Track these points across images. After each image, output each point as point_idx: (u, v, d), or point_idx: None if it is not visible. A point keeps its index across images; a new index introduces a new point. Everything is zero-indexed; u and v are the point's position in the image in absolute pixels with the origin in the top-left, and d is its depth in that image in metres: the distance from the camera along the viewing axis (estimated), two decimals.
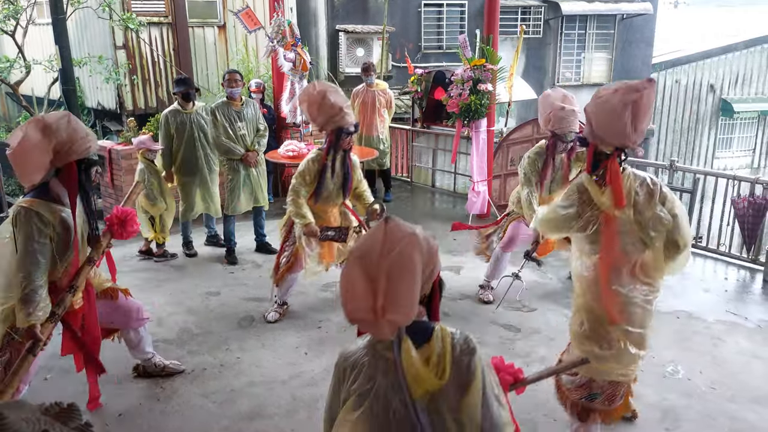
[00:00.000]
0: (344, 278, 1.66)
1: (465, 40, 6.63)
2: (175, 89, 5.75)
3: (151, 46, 9.81)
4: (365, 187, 4.64)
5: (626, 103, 2.65)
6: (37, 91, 9.85)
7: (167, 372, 3.84)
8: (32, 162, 2.83)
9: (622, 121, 2.67)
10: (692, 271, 5.81)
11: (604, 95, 2.73)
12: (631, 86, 2.67)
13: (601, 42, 14.82)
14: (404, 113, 10.09)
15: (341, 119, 4.21)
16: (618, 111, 2.66)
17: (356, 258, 1.63)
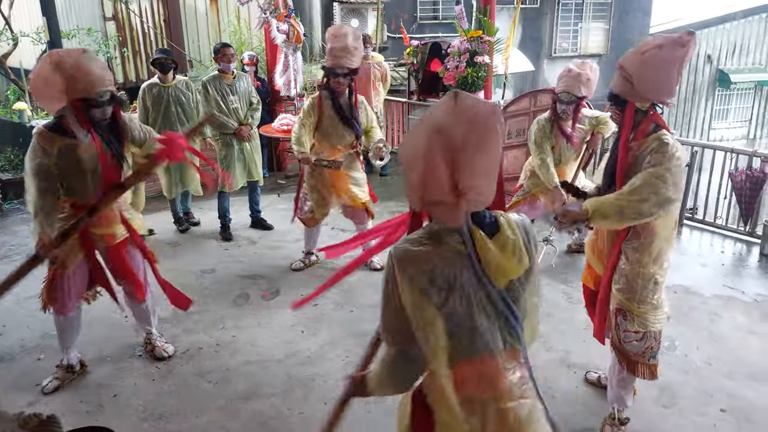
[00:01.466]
0: (416, 155, 1.53)
1: (462, 11, 6.50)
2: (153, 60, 5.68)
3: (141, 18, 9.60)
4: (374, 125, 4.88)
5: (675, 58, 2.61)
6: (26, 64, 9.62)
7: (154, 354, 3.80)
8: (44, 93, 3.03)
9: (671, 76, 2.63)
10: (689, 244, 5.79)
11: (648, 50, 2.65)
12: (677, 40, 2.61)
13: (598, 12, 14.61)
14: (400, 85, 9.95)
15: (331, 59, 4.45)
16: (668, 65, 2.62)
17: (432, 131, 1.49)
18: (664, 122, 2.76)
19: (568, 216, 2.73)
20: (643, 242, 2.82)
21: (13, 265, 5.21)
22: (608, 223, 2.72)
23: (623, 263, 2.89)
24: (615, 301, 2.95)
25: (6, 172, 7.31)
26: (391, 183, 7.71)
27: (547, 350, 3.87)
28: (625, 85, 2.73)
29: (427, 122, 1.52)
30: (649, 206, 2.60)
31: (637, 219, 2.65)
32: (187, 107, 5.68)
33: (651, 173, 2.62)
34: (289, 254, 5.38)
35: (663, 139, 2.68)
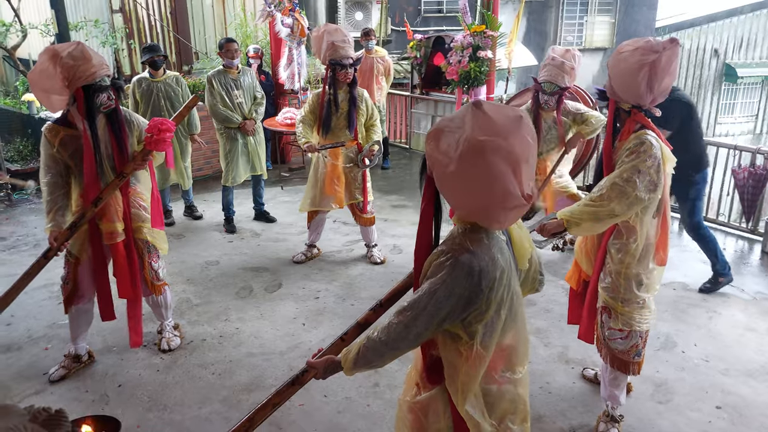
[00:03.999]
0: (484, 173, 1.57)
1: (465, 5, 6.50)
2: (142, 57, 5.68)
3: (147, 10, 9.63)
4: (375, 121, 4.92)
5: (643, 64, 2.63)
6: (34, 56, 9.69)
7: (161, 346, 3.87)
8: (46, 89, 3.10)
9: (636, 81, 2.66)
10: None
11: (624, 52, 2.70)
12: (652, 46, 2.64)
13: (603, 5, 14.55)
14: (403, 79, 9.96)
15: (334, 52, 4.52)
16: (634, 70, 2.65)
17: (490, 149, 1.55)
18: (650, 123, 2.78)
19: (545, 231, 2.80)
20: (625, 242, 2.84)
21: (21, 255, 5.30)
22: (586, 230, 2.77)
23: (609, 262, 2.92)
24: (601, 300, 2.99)
25: (15, 163, 7.38)
26: (393, 177, 7.74)
27: (545, 345, 3.92)
28: (608, 83, 2.80)
29: (478, 137, 1.56)
30: (620, 207, 2.64)
31: (613, 219, 2.70)
32: (177, 102, 5.71)
33: (617, 174, 2.67)
34: (292, 247, 5.44)
35: (641, 138, 2.70)
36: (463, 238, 1.71)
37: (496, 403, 1.85)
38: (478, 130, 1.57)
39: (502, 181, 1.57)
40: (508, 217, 1.65)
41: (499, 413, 1.86)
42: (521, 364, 1.90)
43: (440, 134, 1.64)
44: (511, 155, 1.56)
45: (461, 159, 1.58)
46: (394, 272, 4.96)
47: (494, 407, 1.84)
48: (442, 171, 1.64)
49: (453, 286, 1.66)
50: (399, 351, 1.78)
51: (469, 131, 1.58)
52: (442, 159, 1.62)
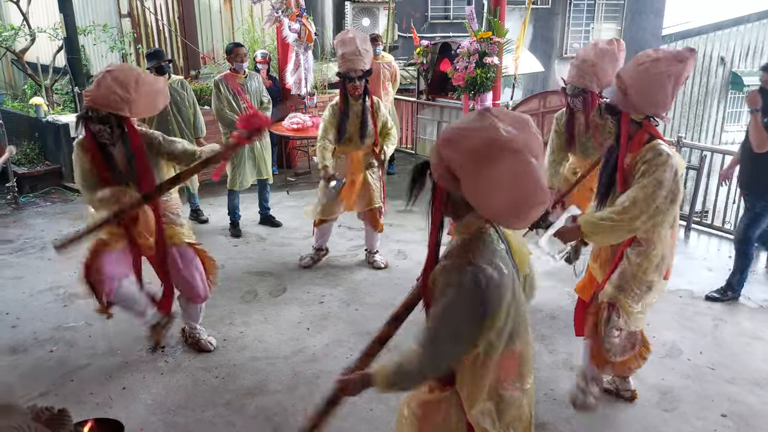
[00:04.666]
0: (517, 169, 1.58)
1: (472, 12, 6.52)
2: (148, 64, 5.67)
3: (156, 15, 9.68)
4: (390, 130, 4.91)
5: (671, 74, 2.63)
6: (43, 59, 9.74)
7: (199, 346, 3.91)
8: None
9: (664, 91, 2.65)
10: (696, 249, 5.79)
11: (645, 63, 2.68)
12: (675, 55, 2.64)
13: (610, 12, 14.54)
14: (409, 84, 9.98)
15: (343, 64, 4.52)
16: (662, 80, 2.64)
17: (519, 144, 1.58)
18: (659, 133, 2.79)
19: (563, 236, 2.81)
20: (646, 250, 2.86)
21: (28, 258, 5.33)
22: (602, 240, 2.79)
23: (625, 264, 2.94)
24: (607, 296, 3.01)
25: (22, 166, 7.42)
26: (399, 182, 7.74)
27: (550, 352, 3.90)
28: (620, 96, 2.76)
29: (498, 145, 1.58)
30: (641, 222, 2.64)
31: (630, 234, 2.71)
32: (182, 106, 5.74)
33: (640, 187, 2.66)
34: (297, 251, 5.44)
35: (657, 149, 2.70)
36: (464, 251, 1.71)
37: (506, 410, 1.85)
38: (501, 130, 1.59)
39: (532, 175, 1.59)
40: (532, 215, 1.66)
41: (507, 419, 1.86)
42: (529, 374, 1.91)
43: (461, 138, 1.63)
44: (533, 151, 1.60)
45: (491, 158, 1.58)
46: (399, 277, 4.96)
47: (503, 414, 1.85)
48: (470, 174, 1.62)
49: (464, 307, 1.67)
50: (436, 375, 1.84)
51: (494, 131, 1.59)
52: (469, 162, 1.61)
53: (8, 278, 4.94)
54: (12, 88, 11.60)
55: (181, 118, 5.73)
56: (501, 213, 1.66)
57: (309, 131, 6.69)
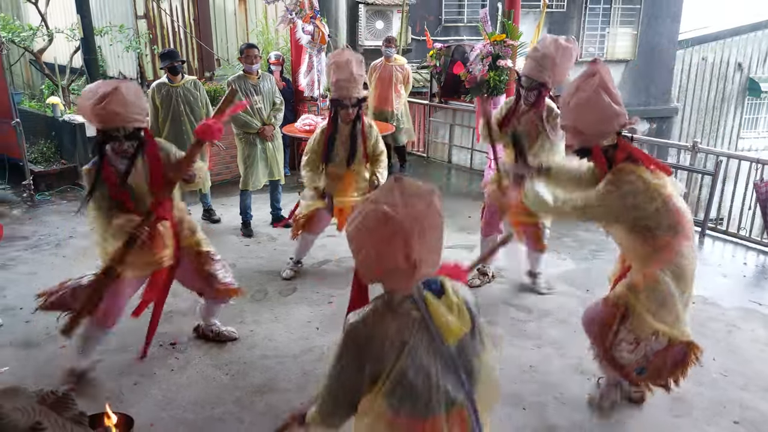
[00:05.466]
0: (370, 235, 1.71)
1: (486, 14, 6.52)
2: (161, 64, 5.72)
3: (171, 16, 9.76)
4: (380, 155, 4.71)
5: (597, 88, 2.66)
6: (60, 60, 9.87)
7: (222, 338, 3.97)
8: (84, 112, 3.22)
9: (605, 105, 2.67)
10: (711, 255, 5.74)
11: (570, 99, 2.73)
12: (586, 74, 2.72)
13: (626, 17, 14.45)
14: (422, 87, 9.98)
15: (336, 90, 4.41)
16: (596, 99, 2.66)
17: (382, 214, 1.68)
18: (638, 151, 2.75)
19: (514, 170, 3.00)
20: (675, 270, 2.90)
21: (42, 255, 5.38)
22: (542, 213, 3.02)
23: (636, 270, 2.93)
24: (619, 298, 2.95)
25: (38, 164, 7.50)
26: None
27: (561, 356, 3.88)
28: (578, 139, 2.79)
29: (376, 207, 1.70)
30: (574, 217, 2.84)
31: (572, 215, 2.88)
32: (195, 106, 5.78)
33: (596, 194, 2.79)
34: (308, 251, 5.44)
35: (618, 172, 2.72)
36: (363, 310, 1.84)
37: None
38: (382, 202, 1.71)
39: (393, 247, 1.69)
40: (403, 283, 1.77)
41: None
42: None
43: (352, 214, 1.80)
44: (401, 227, 1.67)
45: (360, 226, 1.74)
46: None
47: None
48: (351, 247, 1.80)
49: (342, 353, 1.85)
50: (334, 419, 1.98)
51: (373, 205, 1.72)
52: (350, 233, 1.78)
53: (23, 274, 5.00)
54: (30, 88, 11.75)
55: (193, 118, 5.77)
56: (369, 276, 1.82)
57: None
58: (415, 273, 1.72)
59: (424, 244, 1.71)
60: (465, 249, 5.56)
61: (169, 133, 5.70)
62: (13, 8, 11.31)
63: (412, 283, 1.77)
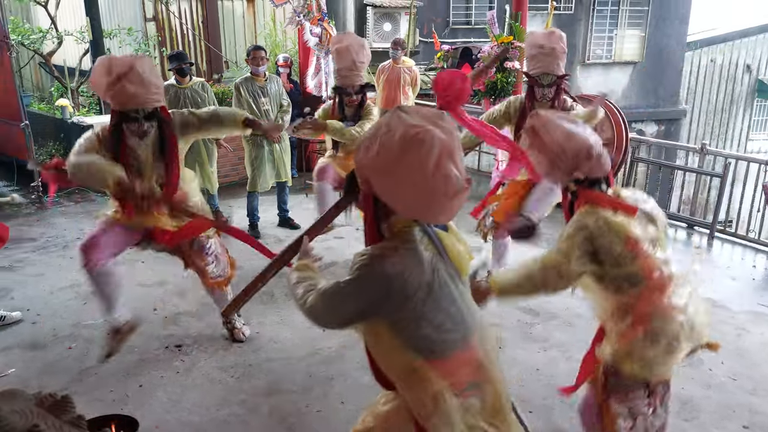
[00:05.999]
0: (424, 160, 1.57)
1: (493, 17, 6.52)
2: (169, 66, 5.75)
3: (180, 19, 9.81)
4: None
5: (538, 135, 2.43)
6: (69, 62, 9.94)
7: (233, 336, 4.00)
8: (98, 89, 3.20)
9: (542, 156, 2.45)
10: (719, 258, 5.70)
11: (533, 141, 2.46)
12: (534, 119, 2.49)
13: (634, 19, 14.39)
14: (430, 89, 9.97)
15: (339, 79, 4.45)
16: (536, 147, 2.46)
17: (425, 136, 1.57)
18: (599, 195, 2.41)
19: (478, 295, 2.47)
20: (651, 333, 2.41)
21: (50, 256, 5.41)
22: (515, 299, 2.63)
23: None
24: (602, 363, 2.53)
25: None
26: None
27: (567, 359, 3.86)
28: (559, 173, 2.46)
29: (413, 133, 1.58)
30: (549, 290, 2.42)
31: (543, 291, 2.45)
32: (203, 107, 5.78)
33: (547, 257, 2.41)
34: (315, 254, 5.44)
35: (579, 213, 2.41)
36: (382, 247, 1.73)
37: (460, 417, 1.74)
38: (408, 125, 1.59)
39: (442, 165, 1.58)
40: (451, 208, 1.66)
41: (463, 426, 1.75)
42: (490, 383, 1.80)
43: (371, 141, 1.65)
44: (444, 141, 1.58)
45: (399, 154, 1.59)
46: None
47: (456, 422, 1.74)
48: (380, 174, 1.65)
49: (360, 289, 1.72)
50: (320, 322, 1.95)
51: (401, 128, 1.60)
52: (379, 162, 1.63)
53: (30, 275, 5.02)
54: (39, 91, 11.84)
55: None
56: (415, 208, 1.67)
57: None
58: (462, 195, 1.63)
59: (461, 162, 1.65)
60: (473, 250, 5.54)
61: None
62: (22, 11, 11.39)
63: (456, 209, 1.67)
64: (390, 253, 1.68)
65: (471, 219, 6.30)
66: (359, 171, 1.73)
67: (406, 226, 1.73)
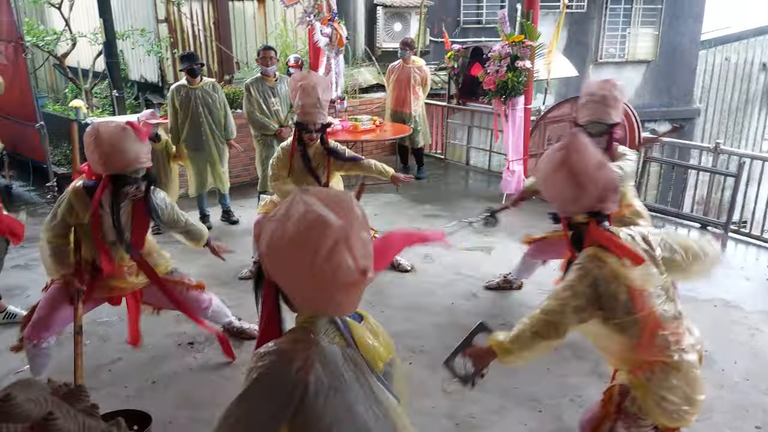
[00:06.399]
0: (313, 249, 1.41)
1: (504, 15, 6.50)
2: (181, 66, 5.79)
3: (191, 20, 9.88)
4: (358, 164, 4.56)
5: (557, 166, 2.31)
6: (83, 63, 10.03)
7: (245, 335, 4.03)
8: (89, 158, 3.11)
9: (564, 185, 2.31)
10: (733, 258, 5.65)
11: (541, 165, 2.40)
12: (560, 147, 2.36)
13: (647, 17, 14.30)
14: (440, 89, 9.98)
15: (301, 115, 4.27)
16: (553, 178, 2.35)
17: (330, 231, 1.42)
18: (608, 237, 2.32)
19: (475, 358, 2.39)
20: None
21: None
22: (521, 360, 2.38)
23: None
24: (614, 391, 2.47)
25: (62, 167, 7.63)
26: (427, 186, 7.74)
27: (578, 358, 3.85)
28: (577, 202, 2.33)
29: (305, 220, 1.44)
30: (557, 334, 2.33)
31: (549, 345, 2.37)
32: (214, 108, 5.84)
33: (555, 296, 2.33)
34: None
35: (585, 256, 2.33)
36: (286, 343, 1.52)
37: None
38: (305, 209, 1.45)
39: (335, 254, 1.42)
40: (346, 299, 1.49)
41: None
42: None
43: (271, 224, 1.49)
44: (339, 228, 1.42)
45: (290, 240, 1.43)
46: (425, 281, 4.95)
47: None
48: (275, 260, 1.49)
49: (253, 398, 1.48)
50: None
51: (298, 211, 1.45)
52: (273, 246, 1.47)
53: (45, 274, 5.07)
54: (54, 92, 11.96)
55: (212, 120, 5.83)
56: (311, 299, 1.51)
57: (339, 135, 6.74)
58: (357, 287, 1.48)
59: (362, 250, 1.47)
60: (482, 251, 5.54)
61: (188, 135, 5.78)
62: (37, 13, 11.51)
63: (354, 299, 1.51)
64: (292, 351, 1.47)
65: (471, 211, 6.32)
66: (261, 257, 1.54)
67: (311, 317, 1.55)
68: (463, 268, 5.19)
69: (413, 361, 3.80)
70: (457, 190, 7.72)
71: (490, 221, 4.33)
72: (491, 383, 3.59)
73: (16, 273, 5.17)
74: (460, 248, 5.60)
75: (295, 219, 1.44)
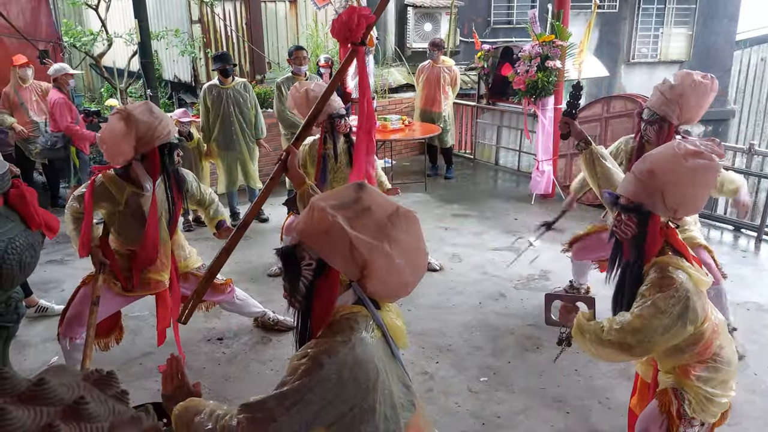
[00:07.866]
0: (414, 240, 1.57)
1: (534, 15, 6.46)
2: (213, 66, 5.89)
3: (224, 21, 10.01)
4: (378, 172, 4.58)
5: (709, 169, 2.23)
6: (119, 63, 10.23)
7: (279, 327, 4.14)
8: (118, 148, 3.09)
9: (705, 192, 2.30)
10: (766, 260, 5.52)
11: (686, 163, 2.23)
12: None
13: (680, 17, 14.04)
14: (470, 89, 9.94)
15: (329, 107, 4.28)
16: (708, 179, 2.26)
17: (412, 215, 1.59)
18: (680, 242, 2.32)
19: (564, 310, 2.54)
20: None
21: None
22: (586, 349, 2.45)
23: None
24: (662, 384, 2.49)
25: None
26: (456, 186, 7.73)
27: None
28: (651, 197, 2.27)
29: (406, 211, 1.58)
30: (631, 354, 2.29)
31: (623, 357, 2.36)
32: (245, 107, 5.92)
33: (638, 315, 2.24)
34: None
35: (663, 271, 2.25)
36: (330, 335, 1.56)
37: None
38: (390, 203, 1.58)
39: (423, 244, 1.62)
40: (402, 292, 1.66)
41: None
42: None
43: (361, 215, 1.52)
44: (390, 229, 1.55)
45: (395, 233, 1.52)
46: (453, 280, 4.95)
47: None
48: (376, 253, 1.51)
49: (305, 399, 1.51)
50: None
51: (391, 206, 1.56)
52: (373, 240, 1.50)
53: (80, 269, 5.20)
54: (90, 91, 12.24)
55: (243, 119, 5.92)
56: (393, 290, 1.62)
57: None
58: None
59: None
60: (510, 251, 5.51)
61: (219, 134, 5.87)
62: (75, 14, 11.79)
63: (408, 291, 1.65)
64: (342, 351, 1.51)
65: (513, 219, 6.27)
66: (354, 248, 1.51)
67: (352, 311, 1.60)
68: (490, 268, 5.18)
69: (440, 360, 3.80)
70: (486, 190, 7.69)
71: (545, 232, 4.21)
72: (517, 383, 3.58)
73: (52, 268, 5.32)
74: (489, 249, 5.59)
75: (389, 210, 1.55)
